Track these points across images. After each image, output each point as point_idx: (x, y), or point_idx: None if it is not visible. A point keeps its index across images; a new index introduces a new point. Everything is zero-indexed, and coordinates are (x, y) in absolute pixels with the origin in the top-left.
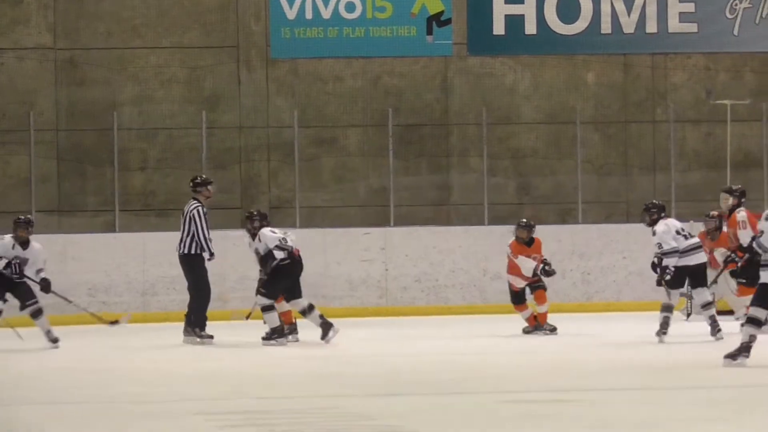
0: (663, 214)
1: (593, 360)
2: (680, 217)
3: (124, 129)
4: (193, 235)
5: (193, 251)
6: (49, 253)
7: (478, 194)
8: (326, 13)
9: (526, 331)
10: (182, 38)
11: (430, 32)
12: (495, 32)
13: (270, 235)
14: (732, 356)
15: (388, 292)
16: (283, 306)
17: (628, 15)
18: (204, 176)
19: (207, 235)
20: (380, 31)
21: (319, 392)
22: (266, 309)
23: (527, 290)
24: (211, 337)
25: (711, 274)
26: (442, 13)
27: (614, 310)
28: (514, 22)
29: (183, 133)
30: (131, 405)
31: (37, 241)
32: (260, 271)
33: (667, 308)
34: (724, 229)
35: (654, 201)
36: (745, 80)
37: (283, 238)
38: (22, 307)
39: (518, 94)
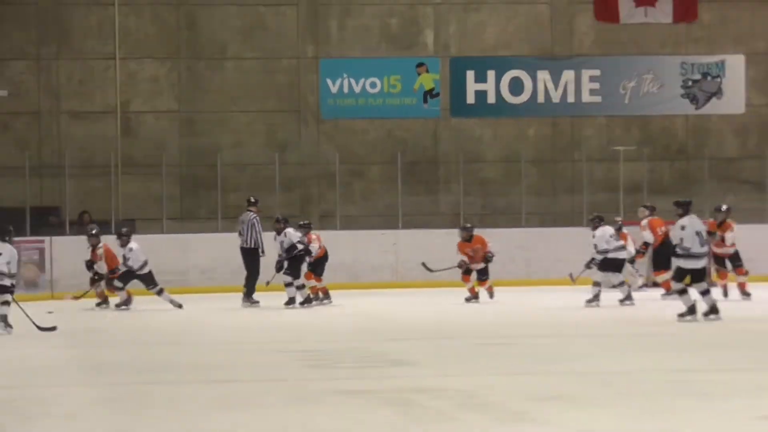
0: (602, 223)
1: (535, 316)
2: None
3: (224, 165)
4: (254, 236)
5: (252, 246)
6: (174, 247)
7: (457, 207)
8: (357, 89)
9: (467, 299)
10: (263, 105)
11: (425, 101)
12: (468, 101)
13: (294, 233)
14: (682, 315)
15: (398, 273)
16: (310, 282)
17: (556, 90)
18: (255, 197)
19: (262, 238)
20: (393, 101)
21: (353, 338)
22: (288, 284)
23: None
24: (258, 302)
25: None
26: (433, 89)
27: (548, 284)
28: (481, 95)
29: (263, 168)
30: (235, 344)
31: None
32: (279, 255)
33: (597, 284)
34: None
35: (596, 213)
36: (632, 133)
37: (302, 236)
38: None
39: (483, 142)
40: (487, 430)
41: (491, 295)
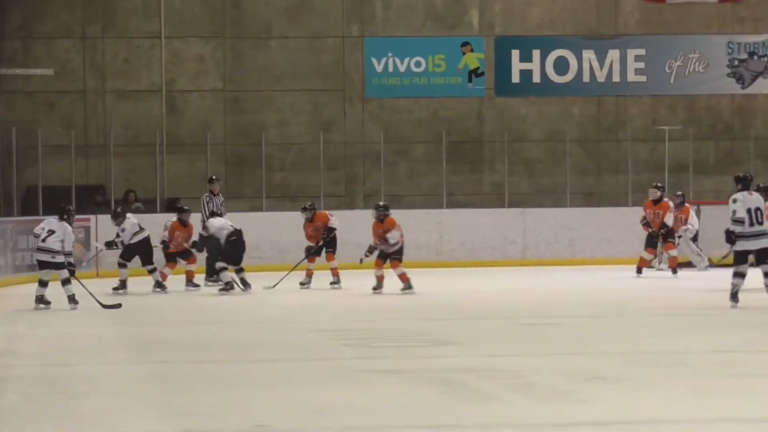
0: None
1: (579, 296)
2: (635, 204)
3: (269, 143)
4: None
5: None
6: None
7: (501, 188)
8: (402, 68)
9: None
10: (308, 84)
11: (470, 81)
12: (513, 81)
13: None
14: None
15: (441, 252)
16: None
17: (601, 70)
18: (215, 176)
19: (205, 217)
20: (437, 80)
21: (395, 317)
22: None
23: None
24: (198, 285)
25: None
26: (478, 68)
27: (592, 264)
28: (526, 75)
29: (308, 147)
30: (277, 323)
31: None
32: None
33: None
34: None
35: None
36: (677, 113)
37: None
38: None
39: (528, 122)
40: (531, 410)
41: (406, 285)
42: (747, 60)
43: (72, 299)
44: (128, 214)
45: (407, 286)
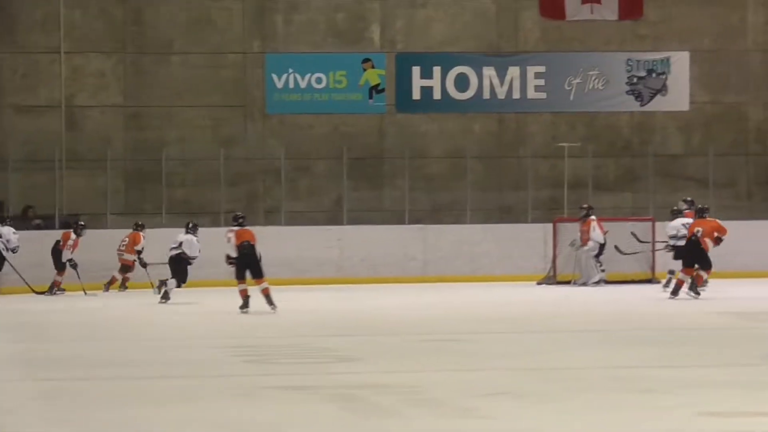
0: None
1: (479, 313)
2: (535, 220)
3: (170, 160)
4: None
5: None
6: (118, 242)
7: (402, 204)
8: (303, 84)
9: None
10: (209, 100)
11: (371, 97)
12: (414, 97)
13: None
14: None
15: (342, 268)
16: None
17: (501, 86)
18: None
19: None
20: (338, 96)
21: (295, 334)
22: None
23: None
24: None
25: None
26: (379, 84)
27: (493, 280)
28: (427, 91)
29: (209, 163)
30: (176, 341)
31: None
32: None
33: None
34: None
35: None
36: (577, 130)
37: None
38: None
39: (429, 138)
40: (432, 425)
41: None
42: (646, 77)
43: None
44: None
45: (267, 301)
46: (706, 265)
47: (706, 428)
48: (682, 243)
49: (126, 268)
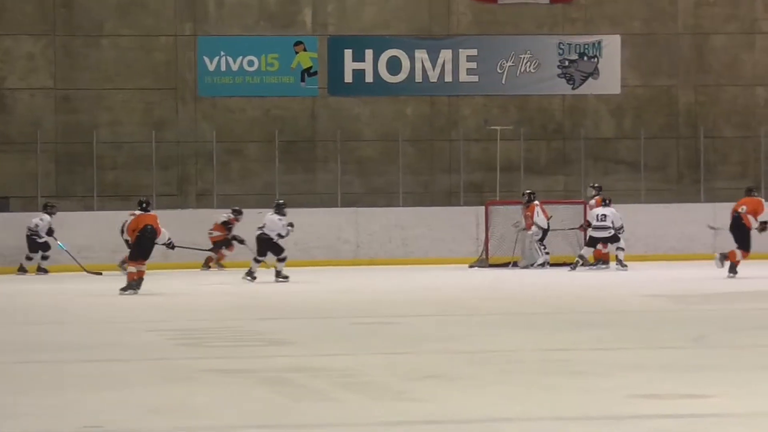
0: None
1: (412, 295)
2: (467, 203)
3: (101, 142)
4: None
5: None
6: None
7: (334, 187)
8: (235, 67)
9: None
10: (140, 82)
11: (303, 80)
12: (346, 80)
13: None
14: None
15: None
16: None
17: (433, 70)
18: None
19: None
20: (270, 79)
21: (228, 317)
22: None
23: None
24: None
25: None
26: (311, 67)
27: (425, 263)
28: (359, 74)
29: (140, 146)
30: (110, 324)
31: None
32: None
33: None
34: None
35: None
36: (509, 113)
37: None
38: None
39: (361, 121)
40: (366, 408)
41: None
42: (577, 61)
43: None
44: None
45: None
46: (745, 246)
47: (640, 410)
48: (601, 232)
49: None
